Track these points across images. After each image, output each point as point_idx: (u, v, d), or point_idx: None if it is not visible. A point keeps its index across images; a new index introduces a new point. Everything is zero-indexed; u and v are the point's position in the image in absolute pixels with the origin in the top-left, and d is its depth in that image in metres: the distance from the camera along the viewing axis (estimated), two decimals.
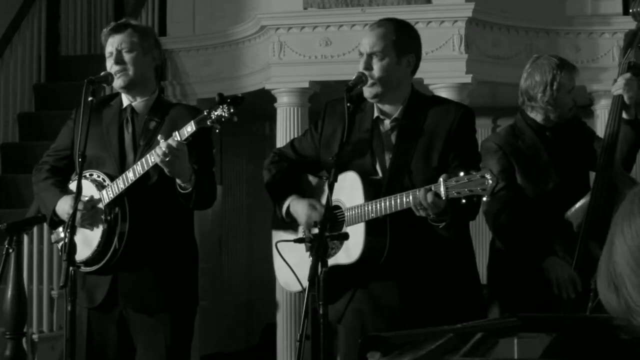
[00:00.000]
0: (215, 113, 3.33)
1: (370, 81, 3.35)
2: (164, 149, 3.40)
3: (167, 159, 3.41)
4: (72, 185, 3.74)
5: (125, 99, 3.78)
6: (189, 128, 3.40)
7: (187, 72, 6.99)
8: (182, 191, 3.54)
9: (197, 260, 3.85)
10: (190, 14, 6.99)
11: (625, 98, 3.88)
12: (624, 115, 3.90)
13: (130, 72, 3.69)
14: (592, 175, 4.02)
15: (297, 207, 3.48)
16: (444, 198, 3.02)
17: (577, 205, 3.85)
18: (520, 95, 4.04)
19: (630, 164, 4.02)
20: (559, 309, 3.77)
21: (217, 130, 3.41)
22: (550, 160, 3.96)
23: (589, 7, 6.35)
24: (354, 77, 3.34)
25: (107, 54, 3.74)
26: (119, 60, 3.69)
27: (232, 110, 3.31)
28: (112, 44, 3.71)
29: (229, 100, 3.32)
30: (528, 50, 6.16)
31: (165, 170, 3.46)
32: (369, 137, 3.42)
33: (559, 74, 3.95)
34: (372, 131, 3.43)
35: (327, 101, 3.62)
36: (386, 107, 3.44)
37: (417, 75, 6.21)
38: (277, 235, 3.58)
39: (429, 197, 3.05)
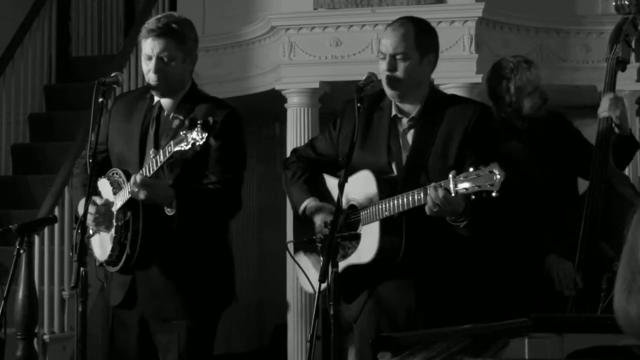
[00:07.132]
0: (190, 136, 3.24)
1: (386, 81, 3.37)
2: (128, 189, 3.38)
3: (137, 193, 3.36)
4: (100, 183, 3.65)
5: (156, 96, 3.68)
6: (169, 148, 3.31)
7: (197, 72, 6.90)
8: (167, 213, 3.43)
9: (224, 265, 3.69)
10: (200, 14, 6.98)
11: (614, 118, 3.77)
12: (617, 132, 3.78)
13: (169, 81, 3.58)
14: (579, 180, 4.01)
15: (315, 210, 3.47)
16: (453, 194, 3.01)
17: None
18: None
19: (624, 166, 4.00)
20: (543, 308, 3.76)
21: (214, 143, 3.33)
22: (529, 157, 3.92)
23: (600, 7, 6.32)
24: (364, 78, 3.34)
25: (144, 56, 3.60)
26: (158, 69, 3.55)
27: (203, 136, 3.20)
28: (153, 48, 3.56)
29: (200, 124, 3.22)
30: (538, 50, 6.14)
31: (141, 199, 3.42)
32: (387, 135, 3.42)
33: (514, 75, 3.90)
34: (390, 129, 3.43)
35: (346, 100, 3.59)
36: (405, 106, 3.45)
37: None
38: (298, 236, 3.60)
39: (440, 192, 3.04)
